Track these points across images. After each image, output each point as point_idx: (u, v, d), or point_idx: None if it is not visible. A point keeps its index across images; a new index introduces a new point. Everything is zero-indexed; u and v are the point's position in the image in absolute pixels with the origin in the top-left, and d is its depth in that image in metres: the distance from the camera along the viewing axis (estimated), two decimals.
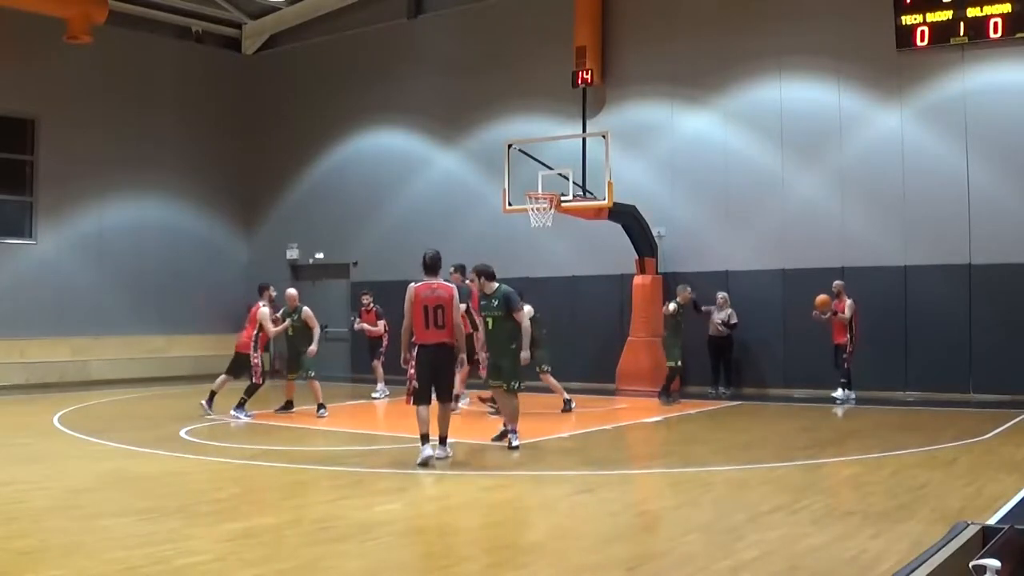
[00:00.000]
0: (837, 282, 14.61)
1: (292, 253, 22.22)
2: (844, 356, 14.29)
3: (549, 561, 5.61)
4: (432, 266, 9.11)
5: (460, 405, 12.90)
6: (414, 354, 9.14)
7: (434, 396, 8.92)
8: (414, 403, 9.04)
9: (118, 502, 7.21)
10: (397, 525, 6.50)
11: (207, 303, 20.98)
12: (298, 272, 22.35)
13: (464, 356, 9.41)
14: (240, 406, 12.62)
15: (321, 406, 12.93)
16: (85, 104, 19.89)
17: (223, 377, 13.04)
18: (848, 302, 14.32)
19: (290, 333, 13.15)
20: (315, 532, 6.21)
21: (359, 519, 6.59)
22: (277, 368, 22.06)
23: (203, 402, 12.79)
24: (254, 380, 12.85)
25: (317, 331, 13.06)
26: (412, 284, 9.00)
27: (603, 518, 6.85)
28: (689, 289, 14.63)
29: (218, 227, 22.55)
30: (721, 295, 15.64)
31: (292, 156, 22.31)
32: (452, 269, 12.87)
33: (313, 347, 12.92)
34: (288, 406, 13.21)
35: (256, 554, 5.69)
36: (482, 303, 10.01)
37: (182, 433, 10.97)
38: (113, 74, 20.31)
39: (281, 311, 13.25)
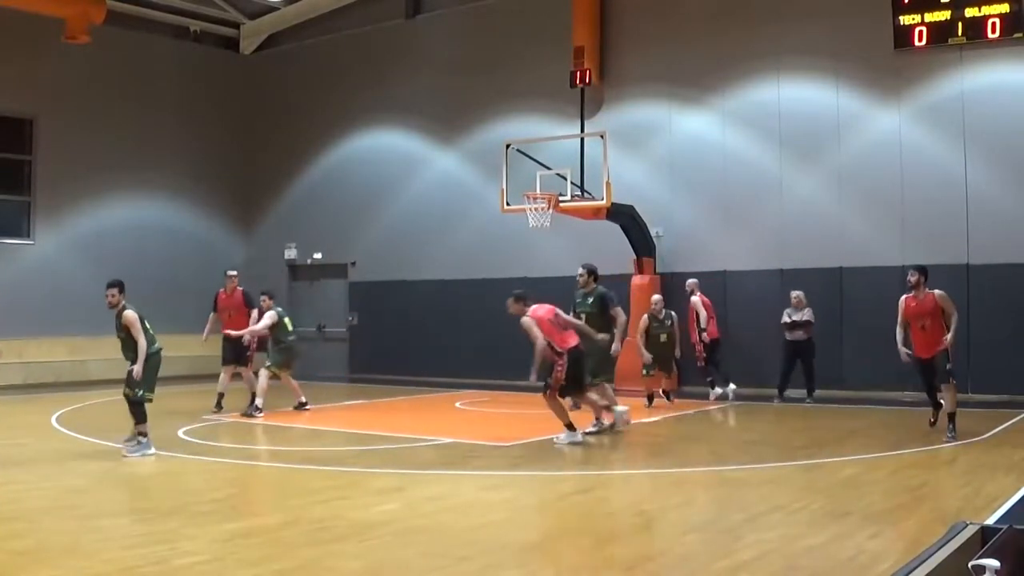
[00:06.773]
0: (690, 280, 15.17)
1: (290, 253, 22.20)
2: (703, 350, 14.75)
3: (547, 561, 5.61)
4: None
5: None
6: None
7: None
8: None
9: (116, 502, 7.20)
10: (395, 525, 6.50)
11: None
12: (296, 272, 22.34)
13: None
14: None
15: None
16: (83, 104, 19.87)
17: None
18: (693, 299, 14.80)
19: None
20: (313, 532, 6.20)
21: (357, 519, 6.58)
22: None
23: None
24: None
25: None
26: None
27: (601, 518, 6.85)
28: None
29: (216, 227, 22.53)
30: (796, 294, 14.83)
31: (290, 156, 22.29)
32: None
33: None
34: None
35: (254, 554, 5.69)
36: None
37: (180, 433, 10.96)
38: (111, 74, 20.29)
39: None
